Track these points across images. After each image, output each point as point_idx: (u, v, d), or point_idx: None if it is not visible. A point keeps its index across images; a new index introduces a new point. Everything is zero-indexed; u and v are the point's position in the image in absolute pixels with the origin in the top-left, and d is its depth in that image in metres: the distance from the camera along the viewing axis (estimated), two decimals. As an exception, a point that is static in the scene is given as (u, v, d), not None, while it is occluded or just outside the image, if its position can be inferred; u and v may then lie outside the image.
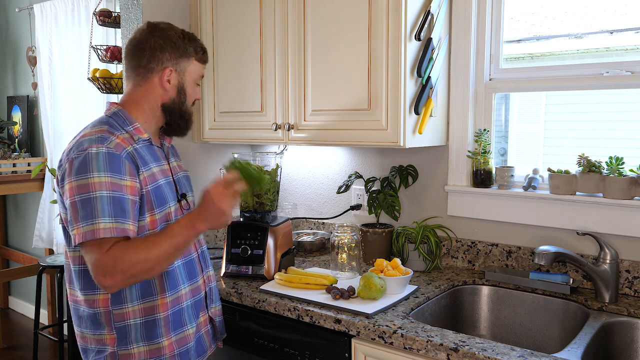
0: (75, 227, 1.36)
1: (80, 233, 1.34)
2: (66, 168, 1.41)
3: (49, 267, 3.26)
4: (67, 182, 1.39)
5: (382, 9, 1.85)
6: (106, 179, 1.37)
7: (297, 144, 2.16)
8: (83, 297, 1.49)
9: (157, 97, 1.56)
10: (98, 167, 1.37)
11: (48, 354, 3.82)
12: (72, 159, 1.40)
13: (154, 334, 1.50)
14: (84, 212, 1.35)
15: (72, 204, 1.37)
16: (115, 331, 1.47)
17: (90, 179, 1.36)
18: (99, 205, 1.35)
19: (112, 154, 1.40)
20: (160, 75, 1.54)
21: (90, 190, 1.36)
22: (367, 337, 1.58)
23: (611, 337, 1.65)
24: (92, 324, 1.49)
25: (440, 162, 2.18)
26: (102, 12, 2.85)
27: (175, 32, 1.57)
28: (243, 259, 1.99)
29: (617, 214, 1.79)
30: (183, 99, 1.59)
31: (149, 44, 1.53)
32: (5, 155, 3.92)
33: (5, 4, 4.47)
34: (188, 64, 1.58)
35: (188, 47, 1.57)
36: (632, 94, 1.95)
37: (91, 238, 1.34)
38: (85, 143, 1.41)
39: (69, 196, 1.38)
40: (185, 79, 1.58)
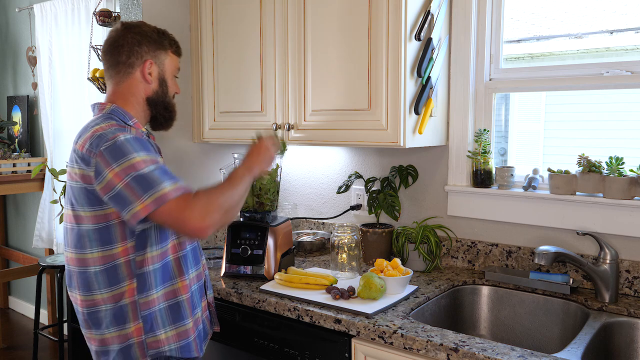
0: (138, 203, 1.37)
1: (146, 205, 1.36)
2: (99, 161, 1.41)
3: (49, 267, 3.26)
4: (109, 171, 1.39)
5: (382, 9, 1.85)
6: (145, 156, 1.42)
7: (297, 144, 2.16)
8: (108, 294, 1.48)
9: (141, 91, 1.60)
10: (134, 148, 1.41)
11: (48, 354, 3.82)
12: (102, 150, 1.41)
13: (179, 316, 1.54)
14: (141, 186, 1.37)
15: (124, 187, 1.38)
16: (142, 320, 1.49)
17: (133, 159, 1.40)
18: (154, 176, 1.39)
19: (138, 138, 1.46)
20: (142, 69, 1.58)
21: (138, 169, 1.39)
22: (367, 337, 1.58)
23: (611, 337, 1.65)
24: (115, 321, 1.49)
25: (440, 162, 2.18)
26: (102, 12, 2.85)
27: (149, 28, 1.62)
28: (243, 259, 1.99)
29: (617, 214, 1.79)
30: (165, 90, 1.64)
31: (126, 40, 1.57)
32: (5, 155, 3.92)
33: (5, 4, 4.47)
34: (166, 56, 1.63)
35: (163, 40, 1.62)
36: (632, 94, 1.94)
37: (163, 203, 1.37)
38: (108, 134, 1.43)
39: (117, 182, 1.38)
40: (165, 70, 1.63)
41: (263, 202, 2.04)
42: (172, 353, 1.53)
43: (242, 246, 1.99)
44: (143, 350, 1.50)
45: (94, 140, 1.43)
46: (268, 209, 2.05)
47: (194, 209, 1.38)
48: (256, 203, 2.04)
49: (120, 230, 1.46)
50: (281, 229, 2.03)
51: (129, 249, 1.47)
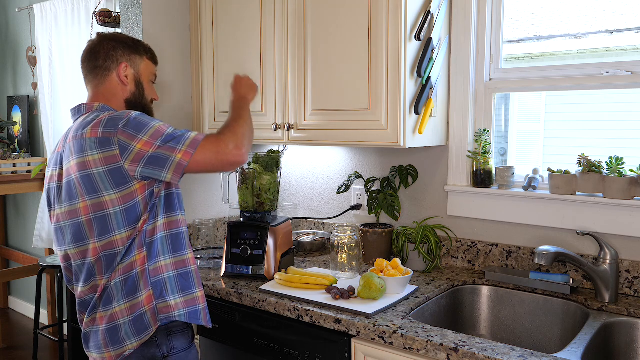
0: (176, 153, 1.48)
1: (185, 151, 1.48)
2: (122, 138, 1.48)
3: (49, 267, 3.26)
4: (136, 142, 1.47)
5: (382, 9, 1.85)
6: (161, 123, 1.54)
7: (297, 144, 2.16)
8: (121, 266, 1.53)
9: (119, 93, 1.67)
10: (149, 119, 1.53)
11: (48, 354, 3.82)
12: (121, 128, 1.49)
13: (187, 285, 1.61)
14: (173, 141, 1.49)
15: (158, 149, 1.48)
16: (152, 286, 1.55)
17: (153, 126, 1.51)
18: (178, 132, 1.52)
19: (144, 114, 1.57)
20: (118, 71, 1.65)
21: (163, 131, 1.50)
22: (367, 337, 1.58)
23: (611, 337, 1.65)
24: (127, 292, 1.54)
25: (440, 162, 2.18)
26: (102, 12, 2.85)
27: (124, 36, 1.72)
28: (243, 259, 1.99)
29: (617, 214, 1.79)
30: (142, 92, 1.71)
31: (102, 46, 1.66)
32: (5, 155, 3.92)
33: (5, 4, 4.47)
34: (141, 61, 1.70)
35: (138, 46, 1.71)
36: (632, 94, 1.94)
37: (197, 144, 1.50)
38: (118, 115, 1.52)
39: (148, 149, 1.47)
40: (140, 73, 1.70)
41: (263, 202, 2.04)
42: (181, 318, 1.58)
43: (242, 246, 1.99)
44: (155, 315, 1.54)
45: (106, 122, 1.50)
46: (268, 209, 2.05)
47: (227, 142, 1.54)
48: (256, 203, 2.04)
49: (143, 206, 1.53)
50: (281, 229, 2.03)
51: (146, 221, 1.55)
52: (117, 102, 1.67)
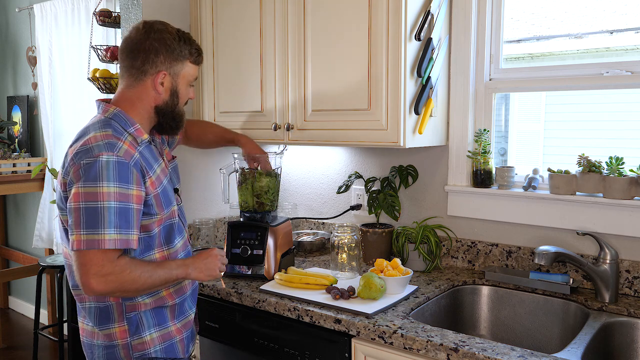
0: (76, 233, 1.36)
1: (81, 240, 1.35)
2: (72, 173, 1.40)
3: (49, 267, 3.26)
4: (75, 187, 1.38)
5: (382, 9, 1.85)
6: (115, 189, 1.38)
7: (297, 144, 2.16)
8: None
9: (150, 99, 1.56)
10: (108, 176, 1.38)
11: (48, 354, 3.82)
12: (82, 164, 1.39)
13: (163, 320, 1.57)
14: (88, 220, 1.36)
15: (75, 209, 1.37)
16: (126, 322, 1.52)
17: (100, 187, 1.37)
18: (105, 216, 1.36)
19: (122, 163, 1.41)
20: (154, 79, 1.54)
21: (98, 200, 1.36)
22: (367, 337, 1.58)
23: (611, 337, 1.65)
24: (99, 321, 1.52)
25: (440, 162, 2.18)
26: (102, 12, 2.85)
27: (171, 34, 1.56)
28: (243, 259, 1.99)
29: (617, 214, 1.79)
30: (176, 102, 1.60)
31: (144, 46, 1.53)
32: (5, 155, 3.92)
33: (5, 4, 4.47)
34: (182, 67, 1.58)
35: (183, 49, 1.57)
36: (632, 94, 1.94)
37: (94, 247, 1.35)
38: (95, 149, 1.40)
39: (74, 201, 1.37)
40: (178, 82, 1.59)
41: (263, 202, 2.04)
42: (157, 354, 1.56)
43: (242, 246, 1.99)
44: (128, 352, 1.53)
45: (81, 151, 1.41)
46: (268, 209, 2.05)
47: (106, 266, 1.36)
48: (256, 203, 2.04)
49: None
50: (281, 229, 2.03)
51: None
52: (144, 107, 1.56)
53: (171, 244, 1.59)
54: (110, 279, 1.37)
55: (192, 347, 1.71)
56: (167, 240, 1.57)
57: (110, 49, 2.87)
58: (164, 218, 1.54)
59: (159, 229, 1.54)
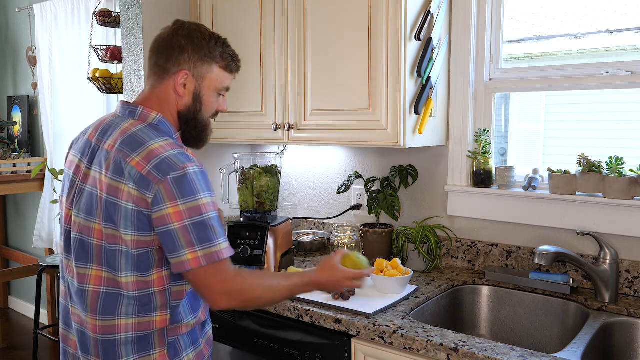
0: (190, 251, 1.27)
1: (198, 257, 1.27)
2: (162, 189, 1.27)
3: (49, 267, 3.26)
4: (171, 205, 1.27)
5: (382, 9, 1.85)
6: (211, 199, 1.32)
7: (297, 144, 2.16)
8: (136, 320, 1.35)
9: (172, 102, 1.44)
10: (201, 187, 1.30)
11: (48, 354, 3.82)
12: (170, 179, 1.27)
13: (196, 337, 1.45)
14: (200, 235, 1.28)
15: (181, 229, 1.27)
16: (167, 348, 1.38)
17: (200, 200, 1.29)
18: (215, 226, 1.30)
19: (203, 172, 1.34)
20: (175, 78, 1.42)
21: (203, 213, 1.29)
22: (367, 337, 1.58)
23: (611, 337, 1.65)
24: (137, 348, 1.36)
25: (440, 162, 2.18)
26: (102, 12, 2.85)
27: (202, 34, 1.44)
28: (243, 259, 1.99)
29: (617, 214, 1.79)
30: (199, 108, 1.46)
31: (171, 42, 1.42)
32: (5, 155, 3.92)
33: (5, 4, 4.47)
34: (209, 70, 1.45)
35: (213, 50, 1.44)
36: (632, 94, 1.94)
37: (214, 260, 1.29)
38: (175, 162, 1.29)
39: (177, 220, 1.27)
40: (202, 86, 1.45)
41: (263, 202, 2.04)
42: None
43: (242, 246, 1.99)
44: None
45: (158, 163, 1.28)
46: (268, 209, 2.05)
47: (229, 283, 1.31)
48: (256, 203, 2.04)
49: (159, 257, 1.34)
50: (281, 229, 2.03)
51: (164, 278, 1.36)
52: (170, 111, 1.44)
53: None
54: (233, 295, 1.33)
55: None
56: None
57: (110, 49, 2.87)
58: None
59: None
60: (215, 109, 1.53)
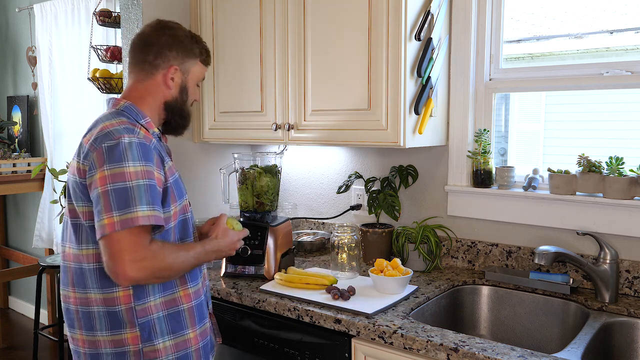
0: (107, 216, 1.31)
1: (114, 222, 1.30)
2: (95, 157, 1.36)
3: (49, 267, 3.26)
4: (99, 171, 1.34)
5: (382, 9, 1.85)
6: (141, 167, 1.36)
7: (297, 144, 2.16)
8: (101, 295, 1.42)
9: (160, 94, 1.56)
10: (133, 156, 1.36)
11: (48, 354, 3.82)
12: (104, 147, 1.36)
13: (179, 326, 1.48)
14: (119, 200, 1.32)
15: (103, 193, 1.32)
16: (139, 327, 1.42)
17: (126, 167, 1.34)
18: (136, 194, 1.33)
19: (144, 144, 1.40)
20: (165, 73, 1.54)
21: (126, 179, 1.33)
22: (367, 337, 1.58)
23: (611, 337, 1.65)
24: (109, 324, 1.42)
25: (440, 162, 2.18)
26: (102, 12, 2.85)
27: (184, 32, 1.58)
28: (243, 259, 1.99)
29: (617, 214, 1.79)
30: (185, 99, 1.60)
31: (159, 41, 1.53)
32: (5, 155, 3.92)
33: (5, 4, 4.47)
34: (193, 65, 1.59)
35: (195, 47, 1.59)
36: (632, 94, 1.95)
37: (129, 226, 1.30)
38: (114, 132, 1.39)
39: (100, 185, 1.33)
40: (188, 79, 1.59)
41: (263, 202, 2.04)
42: None
43: (242, 246, 1.99)
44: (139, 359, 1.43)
45: (99, 136, 1.39)
46: (268, 209, 2.05)
47: (140, 251, 1.31)
48: (256, 203, 2.04)
49: None
50: (281, 229, 2.03)
51: None
52: (154, 102, 1.55)
53: (186, 239, 1.53)
54: (144, 265, 1.32)
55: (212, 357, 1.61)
56: (182, 237, 1.52)
57: (110, 49, 2.87)
58: (178, 211, 1.49)
59: (174, 223, 1.48)
60: (194, 98, 1.65)
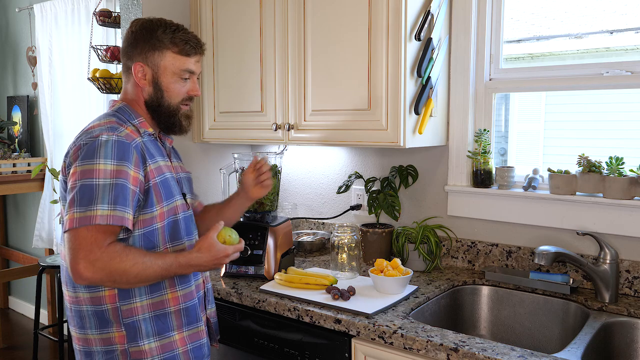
0: (70, 212, 1.32)
1: (74, 218, 1.30)
2: (72, 154, 1.39)
3: (49, 267, 3.26)
4: (73, 167, 1.37)
5: (382, 9, 1.85)
6: (112, 166, 1.35)
7: (297, 144, 2.16)
8: (88, 294, 1.43)
9: (139, 94, 1.53)
10: (106, 153, 1.35)
11: (48, 354, 3.82)
12: (81, 144, 1.38)
13: (164, 327, 1.47)
14: (82, 197, 1.32)
15: (71, 189, 1.34)
16: (124, 327, 1.43)
17: (96, 165, 1.34)
18: (100, 192, 1.32)
19: (122, 142, 1.39)
20: (134, 72, 1.51)
21: (94, 177, 1.33)
22: (367, 337, 1.58)
23: (611, 337, 1.65)
24: (98, 322, 1.43)
25: (440, 162, 2.18)
26: (102, 12, 2.85)
27: (151, 23, 1.51)
28: (243, 259, 1.99)
29: (617, 214, 1.79)
30: (160, 94, 1.52)
31: (127, 40, 1.53)
32: (5, 155, 3.92)
33: (5, 4, 4.47)
34: (162, 57, 1.50)
35: (163, 38, 1.49)
36: (632, 94, 1.95)
37: (86, 224, 1.30)
38: (95, 131, 1.40)
39: (71, 181, 1.35)
40: (159, 73, 1.51)
41: (263, 202, 2.04)
42: None
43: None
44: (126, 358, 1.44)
45: (82, 134, 1.42)
46: (268, 209, 2.05)
47: (96, 252, 1.29)
48: (256, 203, 2.04)
49: None
50: (281, 229, 2.03)
51: None
52: (138, 103, 1.54)
53: (177, 242, 1.50)
54: (98, 266, 1.30)
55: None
56: (172, 238, 1.49)
57: (110, 49, 2.87)
58: (165, 212, 1.46)
59: (162, 224, 1.46)
60: (186, 93, 1.55)
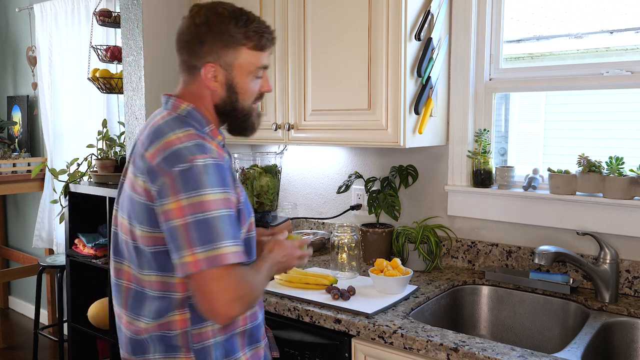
0: (189, 253, 1.15)
1: (198, 260, 1.14)
2: (167, 183, 1.18)
3: (49, 267, 3.26)
4: (173, 200, 1.17)
5: (382, 9, 1.85)
6: (220, 195, 1.19)
7: (297, 143, 2.16)
8: (155, 323, 1.29)
9: (207, 97, 1.34)
10: (210, 181, 1.18)
11: (48, 354, 3.82)
12: (175, 172, 1.18)
13: (232, 350, 1.34)
14: (201, 235, 1.15)
15: (182, 227, 1.16)
16: (193, 353, 1.28)
17: (204, 195, 1.17)
18: (218, 227, 1.17)
19: (219, 166, 1.22)
20: (203, 73, 1.31)
21: (206, 210, 1.16)
22: (367, 337, 1.58)
23: (611, 337, 1.65)
24: (164, 348, 1.29)
25: (440, 162, 2.18)
26: (102, 12, 2.85)
27: (220, 16, 1.29)
28: (243, 259, 1.98)
29: (617, 214, 1.79)
30: (234, 98, 1.35)
31: (190, 35, 1.31)
32: (5, 155, 3.92)
33: (5, 4, 4.47)
34: (236, 56, 1.31)
35: (235, 33, 1.29)
36: (632, 94, 1.95)
37: (217, 265, 1.15)
38: (185, 152, 1.20)
39: (178, 216, 1.16)
40: (234, 74, 1.32)
41: (263, 202, 2.04)
42: None
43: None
44: None
45: (168, 154, 1.20)
46: (268, 208, 2.05)
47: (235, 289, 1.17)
48: (256, 203, 2.04)
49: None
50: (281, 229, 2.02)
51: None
52: (206, 104, 1.34)
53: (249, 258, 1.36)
54: (245, 301, 1.20)
55: None
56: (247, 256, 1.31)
57: (110, 49, 2.87)
58: (245, 231, 1.33)
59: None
60: (258, 91, 1.40)
